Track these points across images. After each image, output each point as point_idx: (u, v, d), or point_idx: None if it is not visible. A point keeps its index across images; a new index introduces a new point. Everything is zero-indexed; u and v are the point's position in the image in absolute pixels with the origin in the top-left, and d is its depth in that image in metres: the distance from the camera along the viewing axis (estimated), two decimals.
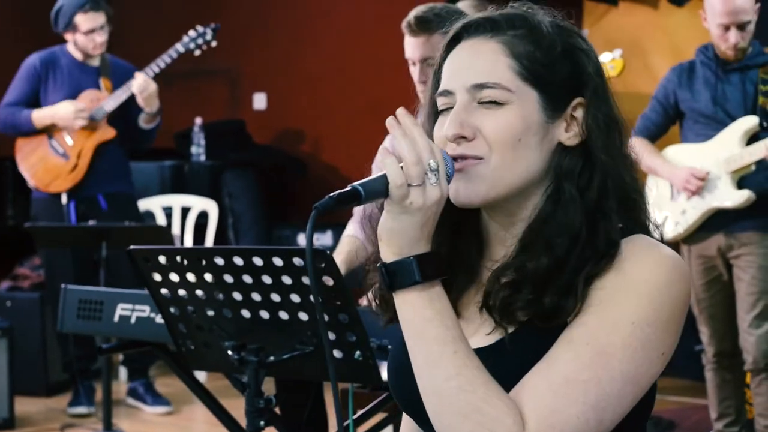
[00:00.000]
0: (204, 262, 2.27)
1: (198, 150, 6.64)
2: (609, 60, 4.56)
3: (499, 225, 1.49)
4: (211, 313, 2.35)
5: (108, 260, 4.35)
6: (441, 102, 1.47)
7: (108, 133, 5.01)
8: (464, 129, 1.42)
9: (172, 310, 2.40)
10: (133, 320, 2.86)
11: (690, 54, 4.07)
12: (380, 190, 1.33)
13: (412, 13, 3.12)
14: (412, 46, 3.15)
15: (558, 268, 1.37)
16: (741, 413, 4.10)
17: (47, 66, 5.07)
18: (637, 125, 4.13)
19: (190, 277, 2.32)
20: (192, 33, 5.07)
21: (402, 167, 1.31)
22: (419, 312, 1.34)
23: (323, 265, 2.13)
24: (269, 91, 7.26)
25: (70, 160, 4.97)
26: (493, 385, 1.31)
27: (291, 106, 7.20)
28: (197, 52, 5.07)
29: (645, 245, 1.39)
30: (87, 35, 5.00)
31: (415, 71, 3.16)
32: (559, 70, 1.45)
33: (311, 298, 2.20)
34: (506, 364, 1.37)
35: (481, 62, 1.44)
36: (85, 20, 4.98)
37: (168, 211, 5.90)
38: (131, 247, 2.34)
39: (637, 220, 1.46)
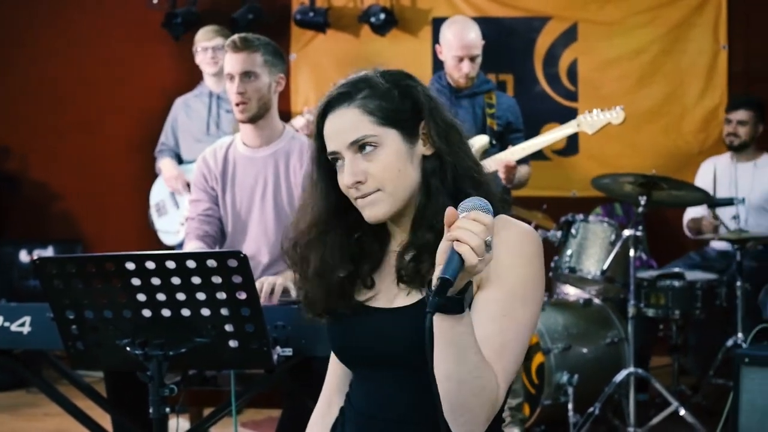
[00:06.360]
0: (114, 268, 2.51)
1: None
2: None
3: (395, 222, 2.01)
4: (109, 314, 2.58)
5: None
6: (334, 160, 1.98)
7: None
8: (357, 176, 1.92)
9: (68, 314, 2.60)
10: None
11: None
12: (459, 269, 1.66)
13: (236, 35, 3.49)
14: (234, 61, 3.48)
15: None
16: None
17: None
18: None
19: (96, 282, 2.54)
20: None
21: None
22: (457, 328, 1.73)
23: (236, 265, 2.47)
24: None
25: None
26: (486, 362, 1.78)
27: None
28: None
29: (510, 225, 1.90)
30: None
31: (233, 85, 3.48)
32: (402, 108, 1.95)
33: (217, 295, 2.51)
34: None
35: (349, 125, 1.93)
36: None
37: None
38: (39, 257, 2.53)
39: (489, 193, 1.94)
